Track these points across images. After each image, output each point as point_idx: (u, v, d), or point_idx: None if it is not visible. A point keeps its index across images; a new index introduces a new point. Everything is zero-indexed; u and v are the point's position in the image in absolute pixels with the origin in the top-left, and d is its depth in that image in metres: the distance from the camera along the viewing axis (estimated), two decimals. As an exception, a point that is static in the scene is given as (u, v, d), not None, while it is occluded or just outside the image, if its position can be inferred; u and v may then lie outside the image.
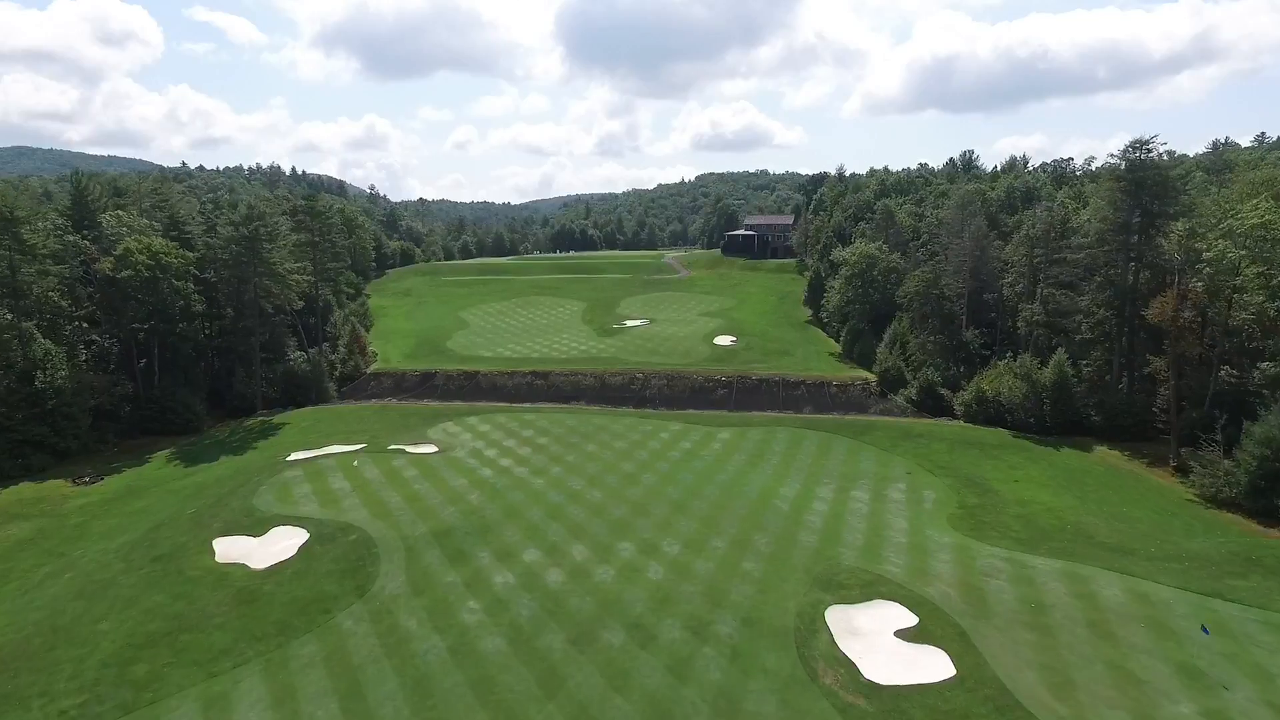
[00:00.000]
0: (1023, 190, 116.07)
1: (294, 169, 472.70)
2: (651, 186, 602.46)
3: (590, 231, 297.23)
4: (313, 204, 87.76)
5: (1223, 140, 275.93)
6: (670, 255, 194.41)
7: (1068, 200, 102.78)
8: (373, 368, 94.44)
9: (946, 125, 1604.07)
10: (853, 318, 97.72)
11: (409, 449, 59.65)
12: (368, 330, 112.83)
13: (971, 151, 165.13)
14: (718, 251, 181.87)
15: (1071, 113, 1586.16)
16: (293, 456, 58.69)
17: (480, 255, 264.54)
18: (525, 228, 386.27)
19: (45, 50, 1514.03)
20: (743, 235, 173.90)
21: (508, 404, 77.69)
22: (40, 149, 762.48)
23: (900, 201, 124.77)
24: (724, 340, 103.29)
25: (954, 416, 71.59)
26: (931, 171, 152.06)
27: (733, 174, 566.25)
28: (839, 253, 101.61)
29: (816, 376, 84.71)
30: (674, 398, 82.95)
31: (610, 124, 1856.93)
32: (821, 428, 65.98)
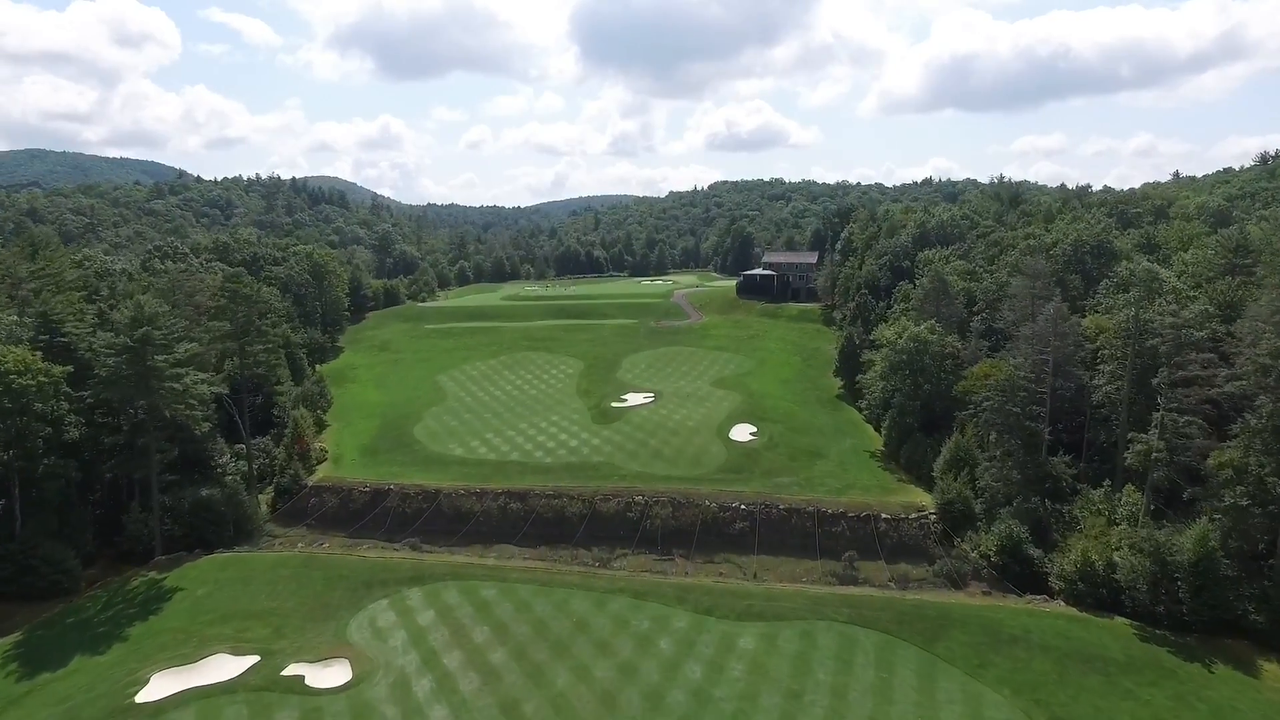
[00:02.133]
0: (1093, 244, 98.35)
1: (294, 178, 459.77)
2: (664, 191, 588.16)
3: (596, 253, 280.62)
4: (237, 286, 71.42)
5: (1272, 154, 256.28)
6: (680, 291, 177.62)
7: (1162, 271, 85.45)
8: (318, 475, 78.21)
9: (964, 124, 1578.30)
10: (897, 407, 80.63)
11: (310, 674, 43.18)
12: (325, 410, 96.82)
13: (1018, 184, 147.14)
14: (733, 288, 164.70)
15: (1092, 112, 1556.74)
16: (149, 688, 42.37)
17: (479, 280, 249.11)
18: (532, 240, 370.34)
19: (63, 52, 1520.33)
20: (760, 275, 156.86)
21: (467, 556, 61.39)
22: (54, 152, 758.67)
23: (945, 254, 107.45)
24: (742, 433, 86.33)
25: (1048, 590, 54.43)
26: (977, 210, 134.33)
27: (746, 182, 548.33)
28: (882, 332, 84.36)
29: (860, 505, 67.67)
30: (681, 532, 66.33)
31: (624, 124, 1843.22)
32: (877, 623, 48.94)
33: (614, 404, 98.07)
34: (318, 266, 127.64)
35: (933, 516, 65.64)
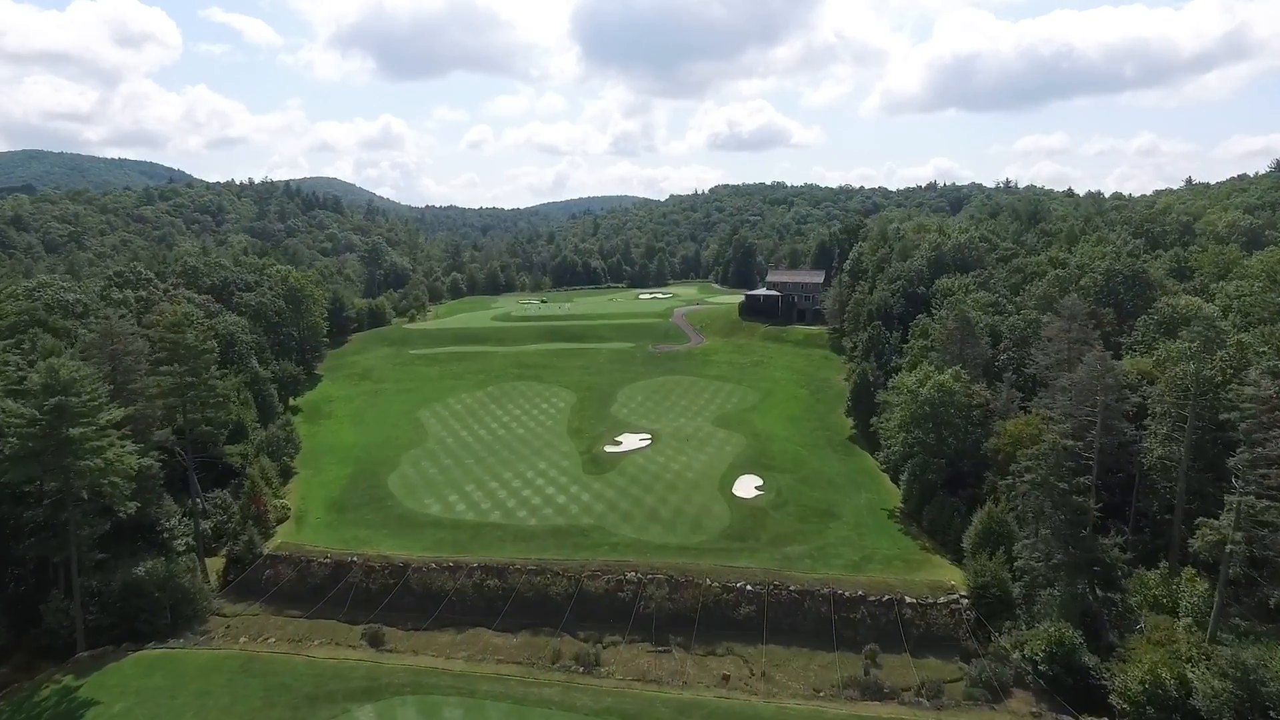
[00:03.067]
0: (1126, 275, 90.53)
1: (288, 183, 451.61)
2: (665, 192, 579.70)
3: (594, 263, 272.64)
4: (179, 336, 63.32)
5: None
6: (680, 310, 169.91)
7: (1205, 306, 78.04)
8: (276, 540, 70.35)
9: (967, 124, 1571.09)
10: (918, 463, 72.64)
11: None
12: (293, 455, 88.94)
13: (1036, 198, 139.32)
14: (735, 306, 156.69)
15: (1094, 112, 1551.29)
16: None
17: (473, 293, 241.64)
18: (529, 246, 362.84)
19: (64, 52, 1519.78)
20: (764, 295, 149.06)
21: (432, 656, 53.74)
22: (51, 152, 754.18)
23: (965, 283, 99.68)
24: (747, 486, 78.59)
25: (1108, 709, 46.60)
26: (994, 230, 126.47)
27: (748, 186, 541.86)
28: (902, 379, 76.42)
29: (880, 585, 59.79)
30: (679, 616, 58.49)
31: (626, 123, 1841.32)
32: (912, 761, 41.22)
33: (607, 448, 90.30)
34: (293, 290, 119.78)
35: (964, 601, 57.77)
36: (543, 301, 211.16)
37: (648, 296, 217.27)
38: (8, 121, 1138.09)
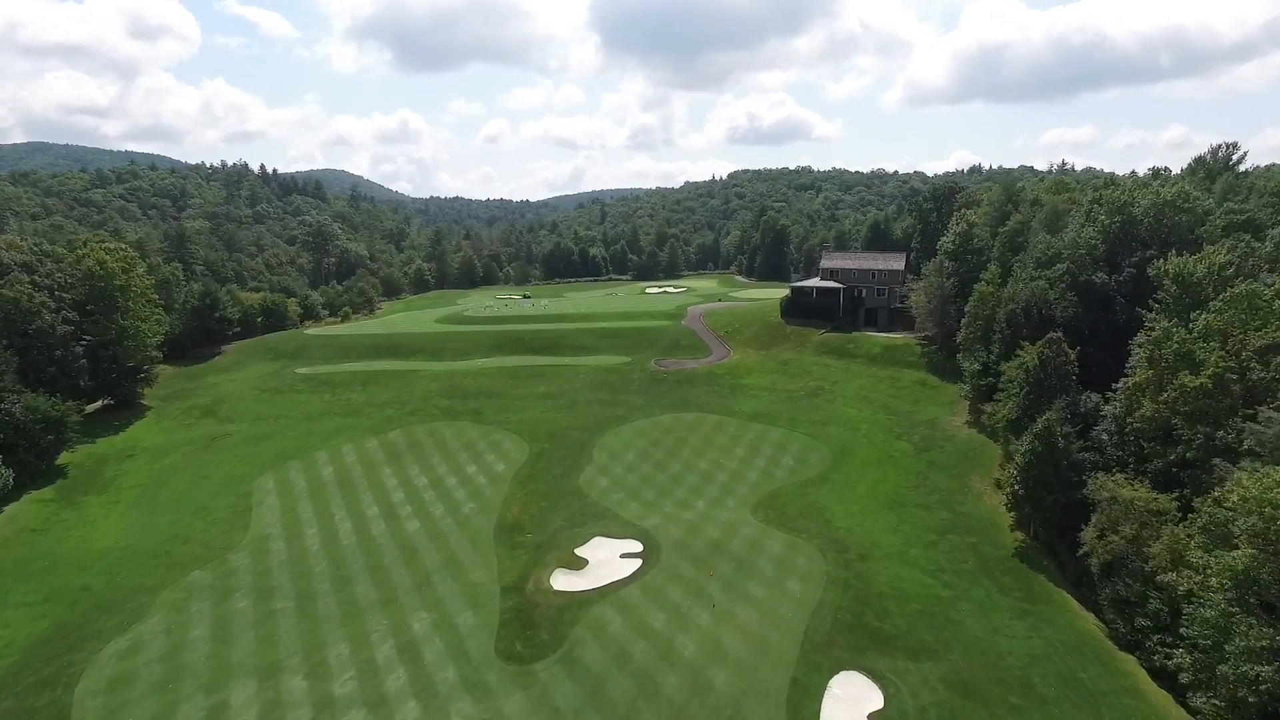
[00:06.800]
0: None
1: (263, 166, 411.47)
2: (679, 184, 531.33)
3: (593, 251, 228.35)
4: None
5: None
6: (697, 308, 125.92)
7: None
8: None
9: (993, 116, 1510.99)
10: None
11: None
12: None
13: (1232, 146, 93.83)
14: (773, 304, 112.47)
15: (1124, 103, 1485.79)
16: None
17: (444, 286, 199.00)
18: (529, 235, 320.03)
19: (80, 45, 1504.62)
20: (817, 289, 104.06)
21: None
22: (57, 144, 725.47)
23: (1219, 263, 54.55)
24: (851, 716, 34.65)
25: None
26: (1188, 183, 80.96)
27: (770, 171, 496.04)
28: (1264, 485, 31.33)
29: None
30: None
31: (644, 116, 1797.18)
32: None
33: (558, 579, 46.68)
34: (95, 280, 76.48)
35: None
36: (525, 296, 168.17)
37: (656, 291, 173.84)
38: (28, 116, 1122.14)
